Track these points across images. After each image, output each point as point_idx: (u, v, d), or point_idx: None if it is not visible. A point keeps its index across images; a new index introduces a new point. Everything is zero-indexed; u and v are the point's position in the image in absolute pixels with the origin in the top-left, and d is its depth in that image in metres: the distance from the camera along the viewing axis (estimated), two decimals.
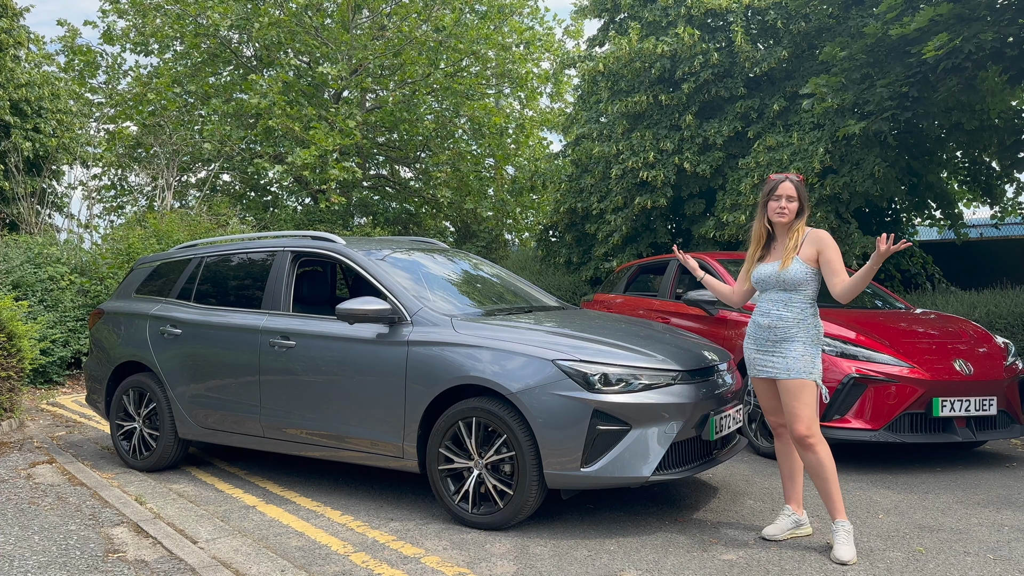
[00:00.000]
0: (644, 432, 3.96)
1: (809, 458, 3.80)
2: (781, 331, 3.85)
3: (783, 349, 3.84)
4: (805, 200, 3.94)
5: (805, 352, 3.81)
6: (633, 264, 8.59)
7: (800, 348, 3.81)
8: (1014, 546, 3.86)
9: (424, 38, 14.63)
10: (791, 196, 3.90)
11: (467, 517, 4.14)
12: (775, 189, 3.94)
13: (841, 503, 3.79)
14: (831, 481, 3.77)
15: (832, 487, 3.78)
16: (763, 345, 3.92)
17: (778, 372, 3.85)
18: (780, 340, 3.85)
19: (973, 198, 12.49)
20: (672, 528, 4.17)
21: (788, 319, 3.84)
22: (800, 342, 3.82)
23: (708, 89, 10.80)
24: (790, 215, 3.91)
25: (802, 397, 3.78)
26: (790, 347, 3.82)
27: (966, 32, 7.53)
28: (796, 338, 3.83)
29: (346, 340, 4.60)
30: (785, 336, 3.84)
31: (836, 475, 3.80)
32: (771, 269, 3.93)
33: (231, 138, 14.14)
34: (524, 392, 3.97)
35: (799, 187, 3.92)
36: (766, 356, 3.91)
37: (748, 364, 4.04)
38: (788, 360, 3.81)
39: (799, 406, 3.78)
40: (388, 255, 5.01)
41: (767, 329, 3.89)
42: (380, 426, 4.43)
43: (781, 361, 3.84)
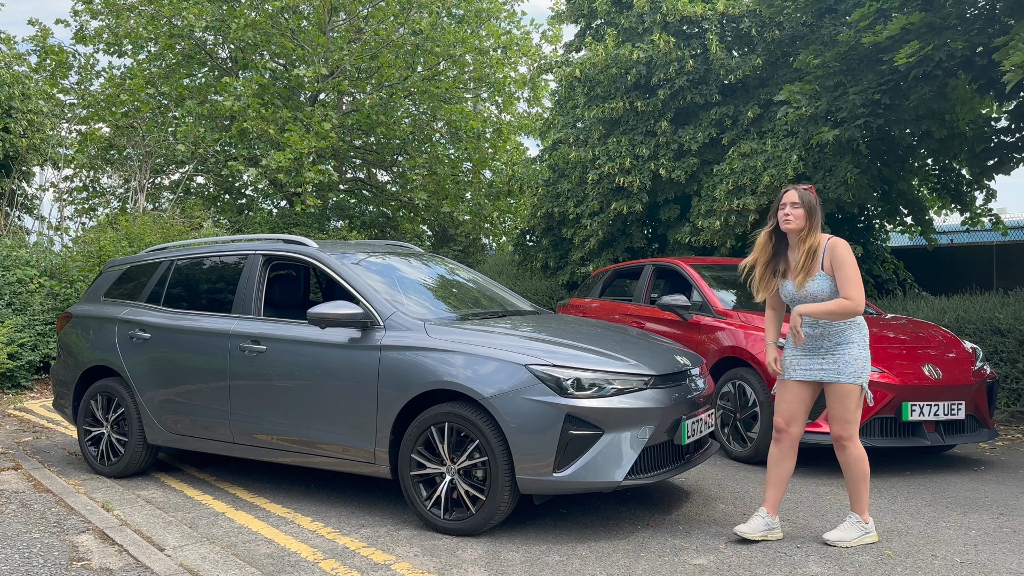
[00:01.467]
0: (616, 437, 3.96)
1: (842, 456, 3.96)
2: (835, 336, 3.89)
3: (837, 351, 3.88)
4: (813, 208, 3.93)
5: (858, 356, 3.88)
6: (608, 269, 8.61)
7: (855, 351, 3.87)
8: (980, 549, 3.91)
9: (401, 41, 14.61)
10: (795, 202, 3.93)
11: (439, 523, 4.12)
12: (781, 198, 4.02)
13: (863, 501, 3.96)
14: (859, 478, 3.94)
15: (859, 483, 3.95)
16: (815, 350, 3.95)
17: (827, 375, 3.90)
18: (837, 344, 3.89)
19: (943, 205, 12.66)
20: (644, 532, 4.17)
21: (843, 323, 3.88)
22: (855, 344, 3.88)
23: (683, 96, 10.86)
24: (796, 221, 3.92)
25: (846, 401, 3.88)
26: (845, 350, 3.87)
27: (937, 41, 7.64)
28: (851, 340, 3.88)
29: (317, 344, 4.56)
30: (840, 340, 3.88)
31: (867, 476, 3.95)
32: (788, 290, 4.01)
33: (205, 140, 14.00)
34: (497, 397, 3.95)
35: (803, 194, 3.95)
36: (814, 359, 3.94)
37: (788, 367, 4.04)
38: (840, 364, 3.86)
39: (842, 410, 3.89)
40: (361, 259, 4.98)
41: (818, 338, 3.93)
42: (352, 431, 4.40)
43: (832, 364, 3.88)
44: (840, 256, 3.86)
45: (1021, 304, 7.94)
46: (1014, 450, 6.44)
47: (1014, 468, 5.75)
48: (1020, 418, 7.65)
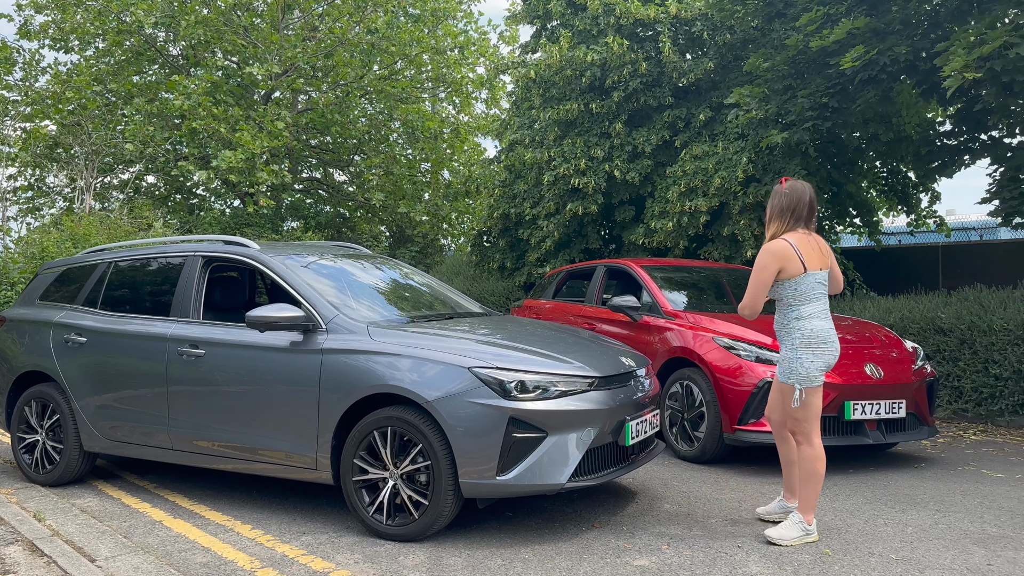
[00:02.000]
0: (560, 439, 3.94)
1: (799, 453, 4.10)
2: (781, 334, 4.13)
3: (782, 352, 4.13)
4: (771, 204, 4.12)
5: (785, 356, 4.07)
6: (562, 270, 8.62)
7: (784, 352, 4.09)
8: (916, 546, 3.97)
9: (356, 40, 14.47)
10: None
11: (381, 529, 4.06)
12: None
13: (809, 503, 4.02)
14: (806, 475, 4.02)
15: (806, 482, 4.01)
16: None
17: (777, 375, 4.18)
18: (781, 343, 4.14)
19: (891, 207, 12.94)
20: (588, 534, 4.16)
21: (780, 323, 4.12)
22: (784, 346, 4.09)
23: (637, 98, 10.93)
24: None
25: (785, 399, 4.10)
26: (783, 350, 4.10)
27: (882, 45, 7.79)
28: (783, 342, 4.11)
29: (258, 348, 4.47)
30: (782, 339, 4.13)
31: (817, 477, 4.00)
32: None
33: (154, 139, 13.71)
34: (440, 400, 3.91)
35: (772, 191, 4.13)
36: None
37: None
38: (779, 364, 4.13)
39: (785, 406, 4.11)
40: (303, 260, 4.90)
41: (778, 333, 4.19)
42: (293, 437, 4.32)
43: (779, 365, 4.16)
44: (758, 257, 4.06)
45: (963, 304, 8.12)
46: (954, 447, 6.59)
47: (953, 465, 5.87)
48: (961, 415, 7.83)
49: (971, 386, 7.73)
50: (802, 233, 4.05)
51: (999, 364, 7.52)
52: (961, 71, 6.38)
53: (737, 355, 5.59)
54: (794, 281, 4.00)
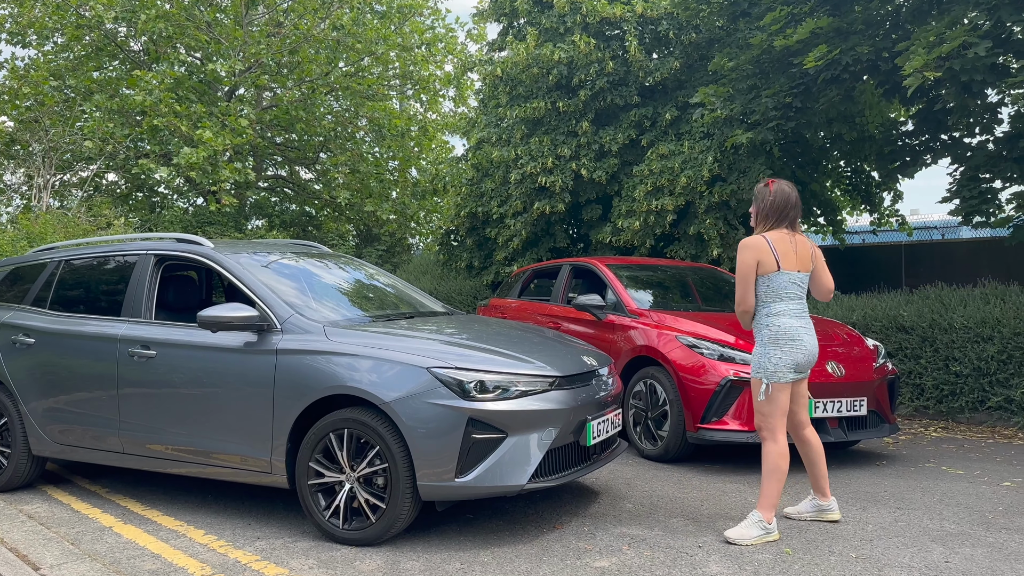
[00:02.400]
0: (520, 440, 3.89)
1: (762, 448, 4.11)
2: (755, 331, 4.17)
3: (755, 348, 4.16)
4: (758, 202, 4.16)
5: (756, 351, 4.12)
6: (528, 269, 8.57)
7: (756, 348, 4.14)
8: (876, 544, 3.97)
9: (322, 36, 14.30)
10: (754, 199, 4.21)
11: (338, 533, 3.97)
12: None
13: (773, 500, 4.02)
14: (769, 475, 4.03)
15: (769, 481, 4.03)
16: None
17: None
18: (755, 340, 4.17)
19: (855, 206, 13.09)
20: (549, 536, 4.11)
21: (756, 321, 4.16)
22: (758, 343, 4.13)
23: (604, 97, 10.92)
24: (752, 218, 4.21)
25: (755, 394, 4.12)
26: (755, 347, 4.15)
27: (844, 45, 7.84)
28: (756, 338, 4.16)
29: (211, 349, 4.35)
30: (756, 337, 4.15)
31: (779, 474, 4.02)
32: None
33: (114, 136, 13.42)
34: (398, 401, 3.83)
35: (756, 190, 4.21)
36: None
37: None
38: (753, 358, 4.16)
39: (754, 402, 4.14)
40: (259, 259, 4.79)
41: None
42: (247, 440, 4.21)
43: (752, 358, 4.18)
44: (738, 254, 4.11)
45: (924, 302, 8.21)
46: (915, 444, 6.65)
47: (913, 462, 5.91)
48: (923, 412, 7.91)
49: (932, 383, 7.81)
50: (784, 232, 4.10)
51: (959, 362, 7.61)
52: (921, 70, 6.44)
53: (700, 353, 5.57)
54: (767, 277, 4.05)
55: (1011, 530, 4.19)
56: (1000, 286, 8.18)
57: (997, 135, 8.58)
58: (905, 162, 9.57)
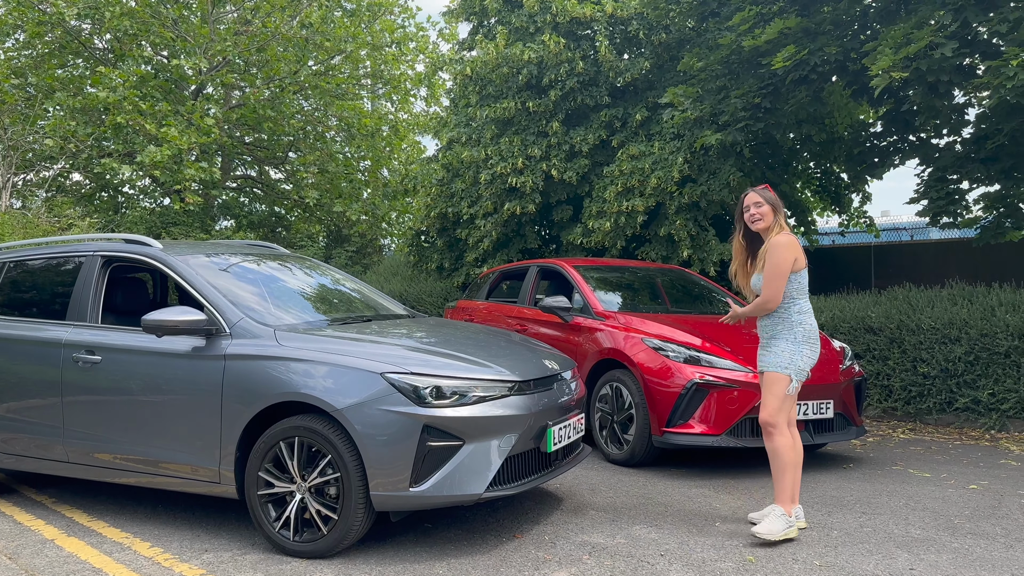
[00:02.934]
0: (478, 447, 3.76)
1: (767, 444, 4.13)
2: (769, 329, 4.16)
3: (771, 345, 4.14)
4: (776, 204, 4.17)
5: (785, 348, 4.08)
6: (496, 270, 8.45)
7: (781, 344, 4.09)
8: (840, 551, 3.90)
9: (291, 34, 14.09)
10: (758, 202, 4.15)
11: (288, 546, 3.83)
12: (742, 202, 4.23)
13: (788, 493, 4.08)
14: (782, 470, 4.07)
15: (782, 475, 4.07)
16: (761, 343, 4.25)
17: (763, 365, 4.17)
18: (770, 337, 4.16)
19: (825, 207, 13.12)
20: (508, 545, 3.99)
21: (774, 318, 4.13)
22: (783, 338, 4.10)
23: (574, 97, 10.84)
24: (765, 219, 4.14)
25: (773, 388, 4.08)
26: (775, 343, 4.12)
27: (812, 45, 7.82)
28: (780, 334, 4.11)
29: (157, 354, 4.19)
30: (773, 333, 4.14)
31: (793, 465, 4.08)
32: (756, 279, 4.23)
33: (76, 135, 13.11)
34: (350, 409, 3.69)
35: (763, 193, 4.17)
36: (761, 352, 4.22)
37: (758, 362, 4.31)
38: (771, 354, 4.12)
39: (768, 396, 4.10)
40: (210, 260, 4.62)
41: (761, 328, 4.23)
42: (195, 449, 4.05)
43: (767, 355, 4.15)
44: (770, 251, 4.07)
45: (892, 303, 8.20)
46: (882, 446, 6.62)
47: (880, 465, 5.87)
48: (891, 414, 7.90)
49: (900, 385, 7.80)
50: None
51: (927, 363, 7.61)
52: (888, 71, 6.41)
53: (666, 356, 5.49)
54: (799, 275, 4.12)
55: (976, 535, 4.14)
56: (967, 287, 8.20)
57: (964, 136, 8.60)
58: (873, 163, 9.59)
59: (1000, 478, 5.44)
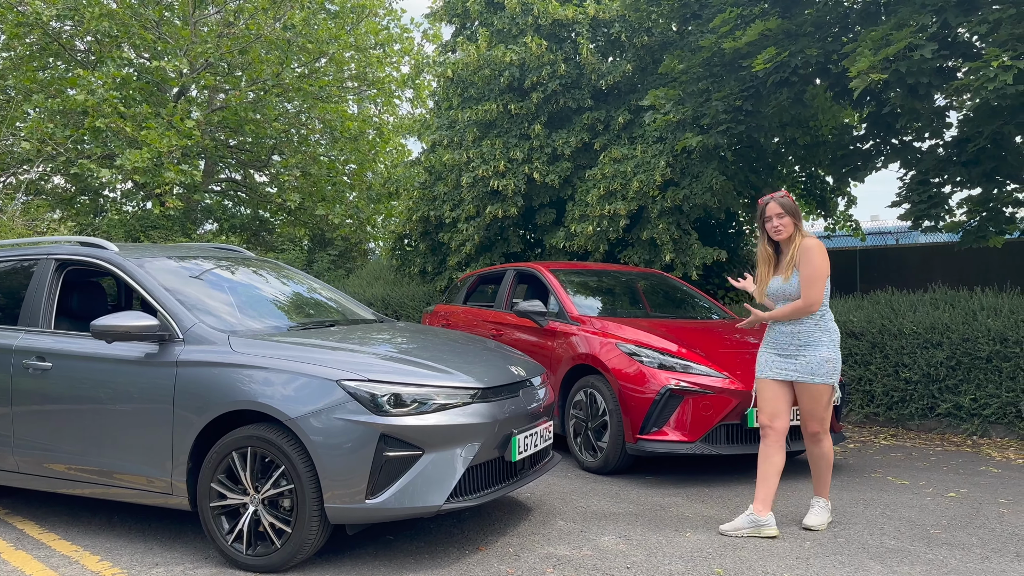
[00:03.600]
0: (438, 457, 3.64)
1: (815, 450, 4.28)
2: (805, 336, 4.12)
3: (807, 353, 4.10)
4: (796, 212, 4.19)
5: (829, 357, 4.10)
6: (474, 274, 8.33)
7: (824, 352, 4.09)
8: (812, 562, 3.79)
9: (273, 36, 13.95)
10: (779, 213, 4.16)
11: (241, 559, 3.69)
12: (764, 212, 4.22)
13: (827, 486, 4.37)
14: (827, 468, 4.32)
15: (826, 472, 4.32)
16: (786, 349, 4.17)
17: (801, 376, 4.12)
18: (804, 344, 4.11)
19: (810, 211, 13.05)
20: (471, 558, 3.86)
21: (811, 324, 4.11)
22: (824, 346, 4.11)
23: (556, 99, 10.74)
24: (787, 230, 4.17)
25: (822, 400, 4.13)
26: (814, 351, 4.09)
27: (793, 47, 7.73)
28: (820, 342, 4.11)
29: (110, 361, 4.05)
30: (809, 341, 4.10)
31: (831, 464, 4.35)
32: (777, 282, 4.21)
33: (54, 137, 12.92)
34: (304, 418, 3.56)
35: (783, 202, 4.17)
36: (788, 360, 4.16)
37: (763, 367, 4.28)
38: (812, 364, 4.08)
39: (818, 408, 4.15)
40: (167, 264, 4.48)
41: (791, 335, 4.15)
42: (148, 460, 3.91)
43: (805, 365, 4.10)
44: (805, 255, 4.09)
45: (874, 307, 8.11)
46: (863, 453, 6.52)
47: (859, 472, 5.77)
48: (873, 420, 7.81)
49: (882, 390, 7.71)
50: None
51: (909, 368, 7.52)
52: (867, 72, 6.32)
53: (640, 362, 5.38)
54: (827, 280, 4.15)
55: (952, 545, 4.04)
56: (950, 291, 8.12)
57: (946, 139, 8.53)
58: (856, 166, 9.52)
59: (979, 486, 5.35)
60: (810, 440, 4.29)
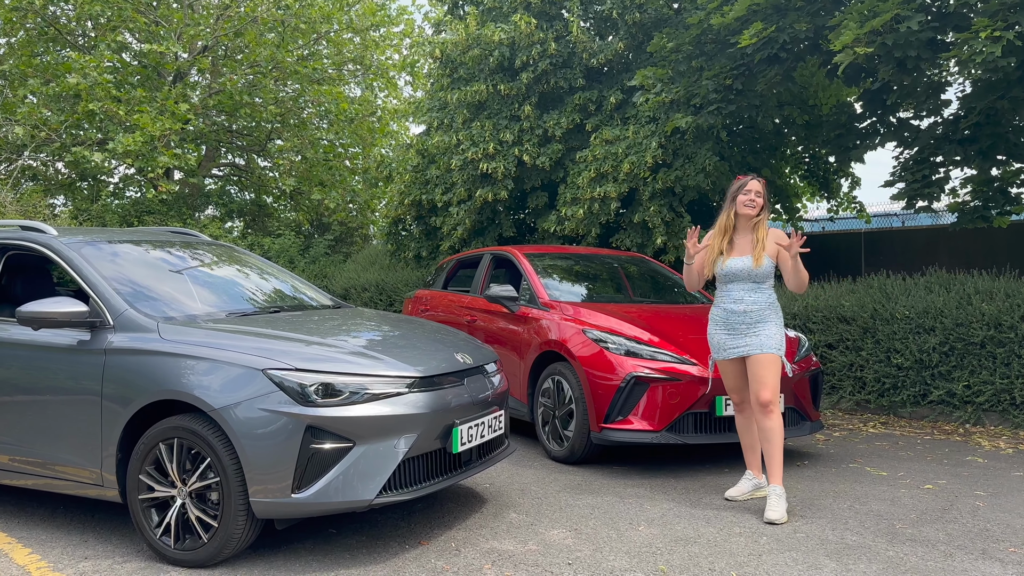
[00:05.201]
0: (370, 449, 3.49)
1: (765, 423, 4.25)
2: (756, 314, 4.31)
3: (757, 329, 4.29)
4: (767, 199, 4.43)
5: (776, 331, 4.31)
6: (454, 258, 8.16)
7: (772, 328, 4.31)
8: (763, 559, 3.61)
9: (268, 17, 13.79)
10: (759, 192, 4.37)
11: (169, 553, 3.57)
12: (744, 185, 4.39)
13: (780, 469, 4.25)
14: (778, 447, 4.23)
15: (777, 452, 4.23)
16: (737, 328, 4.34)
17: (751, 349, 4.29)
18: (755, 322, 4.31)
19: (814, 192, 12.73)
20: (409, 553, 3.72)
21: (762, 303, 4.32)
22: (772, 323, 4.32)
23: (547, 79, 10.50)
24: (757, 208, 4.37)
25: (772, 369, 4.25)
26: (764, 327, 4.29)
27: (781, 22, 7.45)
28: (769, 319, 4.32)
29: (42, 349, 3.93)
30: (760, 319, 4.31)
31: (782, 443, 4.26)
32: (742, 264, 4.34)
33: (48, 123, 12.87)
34: (227, 408, 3.43)
35: (765, 187, 4.44)
36: (739, 338, 4.33)
37: (716, 349, 4.45)
38: (762, 338, 4.27)
39: (769, 376, 4.24)
40: (108, 248, 4.35)
41: (742, 314, 4.33)
42: (78, 450, 3.80)
43: (755, 340, 4.28)
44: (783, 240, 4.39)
45: (866, 292, 7.86)
46: (847, 442, 6.31)
47: (837, 462, 5.57)
48: (864, 407, 7.59)
49: (873, 376, 7.48)
50: None
51: (901, 353, 7.28)
52: (852, 46, 6.05)
53: (606, 348, 5.19)
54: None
55: (916, 541, 3.84)
56: (945, 274, 7.84)
57: (946, 117, 8.22)
58: (855, 145, 9.21)
59: (960, 477, 5.13)
60: (761, 412, 4.24)
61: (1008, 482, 5.00)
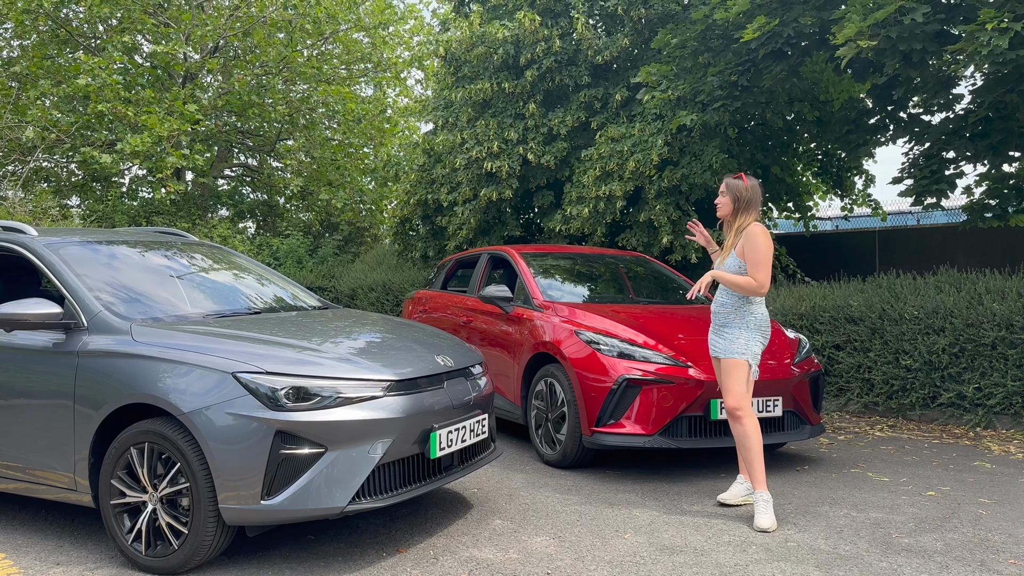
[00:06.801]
0: (342, 455, 3.41)
1: (736, 429, 4.20)
2: (722, 316, 4.28)
3: (724, 332, 4.26)
4: (738, 194, 4.24)
5: (739, 335, 4.20)
6: (453, 258, 8.06)
7: (735, 332, 4.21)
8: (751, 569, 3.48)
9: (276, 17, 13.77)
10: (722, 191, 4.31)
11: (140, 560, 3.51)
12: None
13: (763, 474, 4.14)
14: (755, 452, 4.14)
15: (755, 458, 4.13)
16: (714, 329, 4.35)
17: (718, 352, 4.28)
18: (722, 325, 4.28)
19: (827, 190, 12.51)
20: (386, 561, 3.63)
21: (728, 305, 4.25)
22: (736, 327, 4.22)
23: (552, 77, 10.38)
24: (722, 208, 4.30)
25: (733, 374, 4.17)
26: (728, 331, 4.24)
27: (785, 15, 7.28)
28: (732, 323, 4.23)
29: (15, 350, 3.88)
30: (725, 321, 4.26)
31: (761, 448, 4.16)
32: (717, 264, 4.34)
33: (58, 124, 12.93)
34: (196, 412, 3.35)
35: (729, 183, 4.28)
36: (714, 338, 4.33)
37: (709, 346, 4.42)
38: (726, 342, 4.22)
39: (730, 382, 4.18)
40: (85, 248, 4.29)
41: (715, 315, 4.34)
42: (52, 454, 3.75)
43: (722, 343, 4.25)
44: (751, 240, 4.14)
45: (875, 292, 7.68)
46: (851, 446, 6.14)
47: (839, 467, 5.41)
48: (873, 409, 7.41)
49: (882, 378, 7.31)
50: None
51: (910, 355, 7.10)
52: (855, 39, 5.89)
53: (598, 350, 5.07)
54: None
55: (911, 552, 3.69)
56: (956, 273, 7.63)
57: (958, 112, 8.01)
58: (865, 141, 9.02)
59: (965, 483, 4.96)
60: (730, 418, 4.22)
61: (1015, 489, 4.82)
